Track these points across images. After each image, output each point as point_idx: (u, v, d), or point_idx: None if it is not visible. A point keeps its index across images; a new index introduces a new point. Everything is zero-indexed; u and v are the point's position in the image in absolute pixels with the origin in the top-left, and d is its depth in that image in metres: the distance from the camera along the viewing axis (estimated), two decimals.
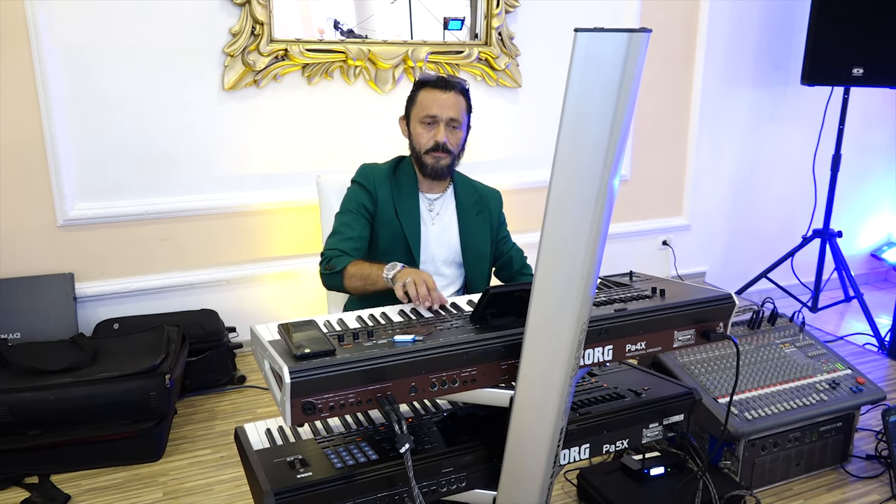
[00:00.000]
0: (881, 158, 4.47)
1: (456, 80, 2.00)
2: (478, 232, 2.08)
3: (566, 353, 1.26)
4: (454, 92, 1.96)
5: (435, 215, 2.06)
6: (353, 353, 1.23)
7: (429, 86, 1.97)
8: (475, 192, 2.13)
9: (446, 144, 1.97)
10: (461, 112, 1.98)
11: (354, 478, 1.31)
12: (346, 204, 2.03)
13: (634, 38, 1.07)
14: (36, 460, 2.30)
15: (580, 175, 1.15)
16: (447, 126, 1.96)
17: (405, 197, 2.01)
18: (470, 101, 2.03)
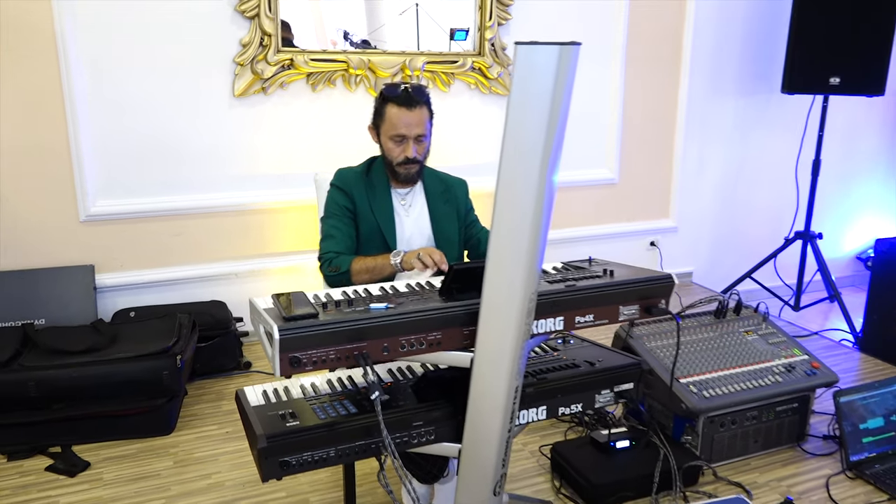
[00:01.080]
0: (865, 165, 4.64)
1: (419, 94, 2.19)
2: (446, 218, 2.30)
3: (516, 320, 1.47)
4: (418, 108, 2.16)
5: (408, 207, 2.29)
6: (334, 317, 1.45)
7: (395, 102, 2.16)
8: (442, 183, 2.35)
9: (416, 157, 2.20)
10: (426, 124, 2.19)
11: (335, 427, 1.52)
12: (329, 208, 2.27)
13: (565, 50, 1.28)
14: (59, 431, 2.52)
15: (523, 169, 1.36)
16: (415, 140, 2.18)
17: (379, 195, 2.24)
18: (431, 107, 2.23)
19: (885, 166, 4.69)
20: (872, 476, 2.32)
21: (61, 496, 2.25)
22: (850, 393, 2.43)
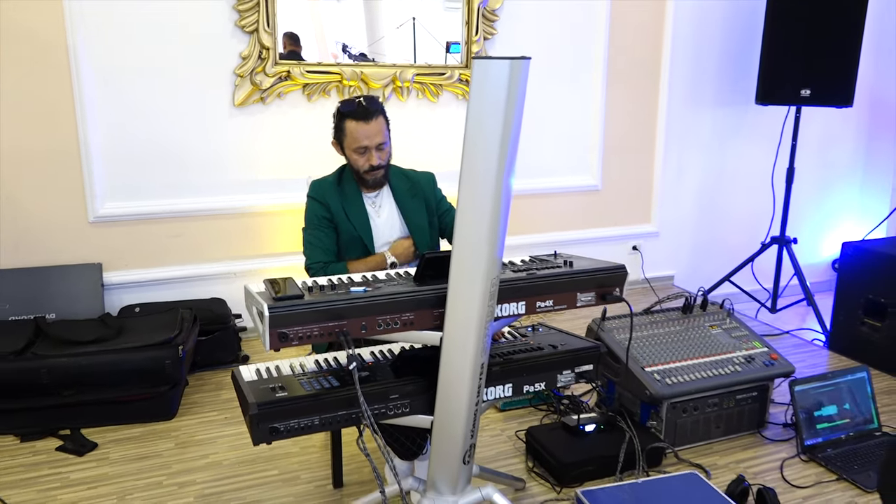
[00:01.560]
0: (840, 174, 4.83)
1: (373, 105, 2.37)
2: (416, 212, 2.49)
3: (479, 303, 1.65)
4: (375, 119, 2.35)
5: (378, 208, 2.49)
6: (317, 298, 1.63)
7: (352, 117, 2.35)
8: (408, 180, 2.54)
9: (380, 164, 2.40)
10: (384, 132, 2.38)
11: (319, 397, 1.71)
12: (310, 219, 2.46)
13: (516, 64, 1.47)
14: (68, 416, 2.71)
15: (482, 170, 1.54)
16: (376, 149, 2.38)
17: (351, 201, 2.45)
18: (386, 115, 2.42)
19: (860, 175, 4.87)
20: (824, 459, 2.50)
21: (71, 473, 2.43)
22: (805, 382, 2.60)
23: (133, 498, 2.29)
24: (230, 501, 2.28)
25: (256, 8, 3.25)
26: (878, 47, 4.61)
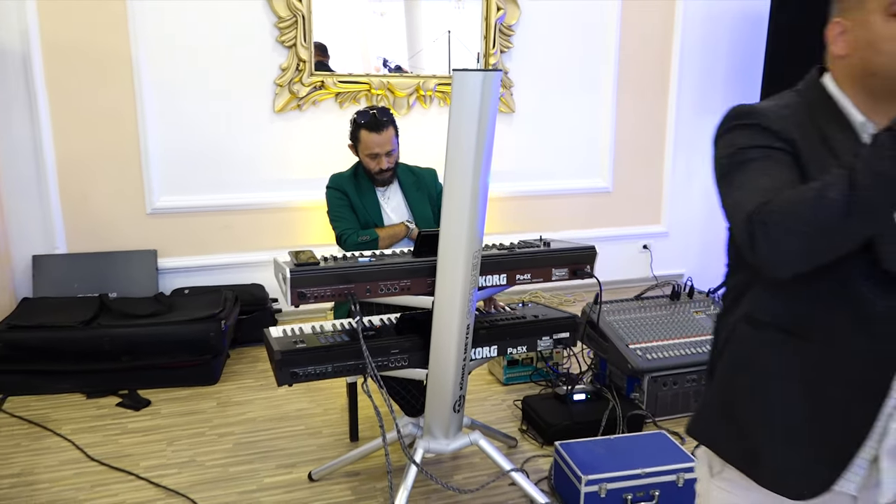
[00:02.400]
0: None
1: (384, 116, 2.74)
2: (420, 202, 2.84)
3: (463, 272, 1.99)
4: (385, 129, 2.72)
5: (387, 199, 2.85)
6: (331, 265, 2.00)
7: (366, 127, 2.73)
8: (413, 175, 2.90)
9: (388, 167, 2.77)
10: (392, 140, 2.75)
11: (332, 349, 2.07)
12: (332, 203, 2.85)
13: (488, 76, 1.81)
14: (126, 378, 3.13)
15: (462, 163, 1.89)
16: (385, 155, 2.75)
17: (365, 193, 2.83)
18: (396, 125, 2.79)
19: None
20: None
21: (129, 423, 2.85)
22: None
23: (180, 443, 2.69)
24: (262, 449, 2.66)
25: (294, 25, 3.66)
26: None
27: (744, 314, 1.19)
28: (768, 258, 1.02)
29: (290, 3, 3.64)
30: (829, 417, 1.12)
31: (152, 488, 2.40)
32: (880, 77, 1.09)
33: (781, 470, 1.16)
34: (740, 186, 1.10)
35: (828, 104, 1.15)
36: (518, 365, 3.21)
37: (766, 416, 1.17)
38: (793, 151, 1.10)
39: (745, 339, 1.20)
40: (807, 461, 1.14)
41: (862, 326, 1.09)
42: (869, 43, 1.09)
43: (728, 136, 1.16)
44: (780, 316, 1.15)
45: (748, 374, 1.19)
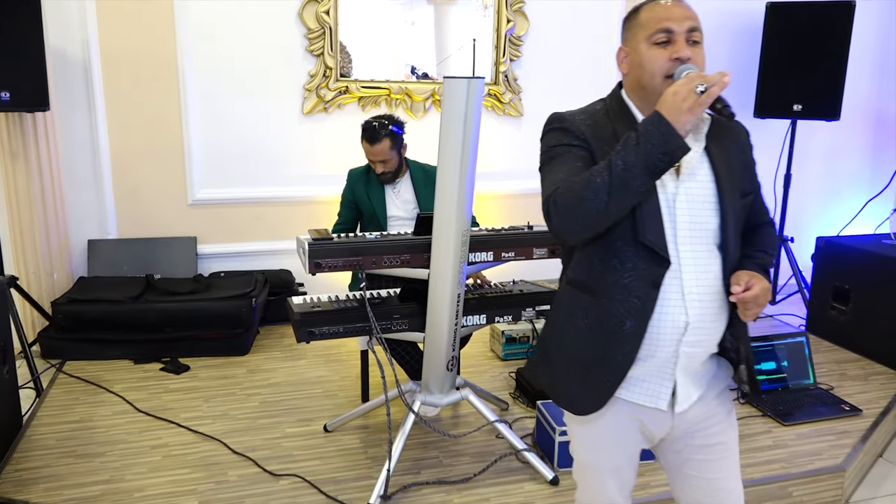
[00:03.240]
0: (845, 183, 5.27)
1: (381, 130, 3.05)
2: (428, 197, 3.15)
3: (454, 249, 2.35)
4: (380, 142, 3.04)
5: (397, 193, 3.20)
6: (342, 241, 2.38)
7: (364, 138, 3.07)
8: (424, 173, 3.23)
9: (384, 172, 3.12)
10: (387, 151, 3.05)
11: (342, 312, 2.45)
12: (342, 199, 3.28)
13: (472, 82, 2.17)
14: (168, 348, 3.55)
15: (452, 160, 2.25)
16: (380, 163, 3.09)
17: (374, 187, 3.19)
18: (395, 134, 3.08)
19: (866, 184, 5.30)
20: (757, 402, 3.07)
21: (170, 384, 3.26)
22: None
23: (214, 401, 3.09)
24: (284, 406, 3.05)
25: (322, 36, 4.07)
26: (884, 67, 5.07)
27: (567, 277, 1.60)
28: (558, 228, 1.44)
29: (318, 16, 4.04)
30: (601, 353, 1.50)
31: (190, 434, 2.80)
32: (647, 88, 1.50)
33: (569, 393, 1.57)
34: (546, 176, 1.51)
35: (622, 108, 1.55)
36: (516, 342, 3.56)
37: (560, 351, 1.58)
38: (587, 146, 1.49)
39: (562, 294, 1.62)
40: (585, 385, 1.54)
41: (623, 284, 1.47)
42: (639, 64, 1.51)
43: (545, 138, 1.57)
44: (579, 275, 1.55)
45: (556, 320, 1.62)
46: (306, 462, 2.60)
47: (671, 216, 1.47)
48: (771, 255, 1.62)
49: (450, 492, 2.43)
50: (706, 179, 1.52)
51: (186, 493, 2.40)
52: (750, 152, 1.66)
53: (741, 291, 1.43)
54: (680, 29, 1.50)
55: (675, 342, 1.47)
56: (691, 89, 1.39)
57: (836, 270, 3.96)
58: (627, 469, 1.65)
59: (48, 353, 3.54)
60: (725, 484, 1.63)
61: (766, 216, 1.69)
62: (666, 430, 1.58)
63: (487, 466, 2.56)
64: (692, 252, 1.48)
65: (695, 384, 1.54)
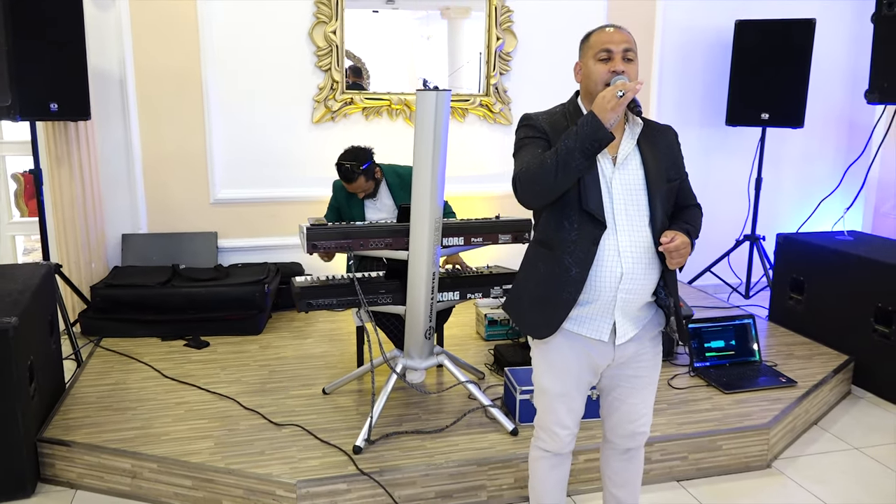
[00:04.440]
0: (818, 187, 5.64)
1: (354, 171, 3.48)
2: (405, 198, 3.56)
3: (428, 233, 2.79)
4: (356, 181, 3.50)
5: (378, 203, 3.67)
6: (335, 226, 2.84)
7: (341, 178, 3.54)
8: (398, 176, 3.66)
9: (364, 194, 3.59)
10: (363, 185, 3.52)
11: (335, 287, 2.91)
12: (329, 204, 3.77)
13: (440, 94, 2.63)
14: (192, 327, 4.04)
15: (425, 159, 2.70)
16: (361, 191, 3.57)
17: (355, 201, 3.65)
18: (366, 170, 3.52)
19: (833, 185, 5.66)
20: (704, 374, 3.48)
21: (192, 356, 3.74)
22: (697, 322, 3.59)
23: (230, 370, 3.57)
24: (290, 375, 3.51)
25: (330, 53, 4.56)
26: (846, 78, 5.45)
27: (533, 237, 2.10)
28: (522, 197, 1.96)
29: (327, 35, 4.54)
30: (554, 293, 1.99)
31: (208, 394, 3.27)
32: (592, 94, 1.98)
33: (531, 322, 2.07)
34: (516, 161, 2.01)
35: (575, 110, 2.05)
36: (497, 324, 3.99)
37: (525, 291, 2.09)
38: (546, 138, 1.98)
39: (529, 249, 2.12)
40: (542, 316, 2.02)
41: (571, 242, 1.96)
42: (587, 75, 1.99)
43: (517, 133, 2.07)
44: (541, 234, 2.06)
45: (523, 269, 2.13)
46: (306, 416, 3.06)
47: (609, 193, 1.96)
48: (694, 227, 2.10)
49: (425, 440, 2.87)
50: (636, 168, 2.00)
51: (204, 437, 2.87)
52: (677, 149, 2.15)
53: (668, 242, 1.91)
54: (617, 49, 1.98)
55: (613, 288, 1.95)
56: (614, 94, 1.86)
57: (793, 264, 4.34)
58: (576, 397, 2.12)
59: (87, 332, 4.04)
60: (640, 409, 2.15)
61: (693, 200, 2.19)
62: (608, 360, 2.05)
63: (458, 419, 3.00)
64: (626, 220, 1.96)
65: (631, 324, 2.02)
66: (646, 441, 2.23)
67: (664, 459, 2.92)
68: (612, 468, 2.28)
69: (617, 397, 2.14)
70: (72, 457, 2.82)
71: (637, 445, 2.21)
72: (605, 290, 1.96)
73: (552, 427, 2.14)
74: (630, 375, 2.10)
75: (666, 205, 2.02)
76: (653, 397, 2.18)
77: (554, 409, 2.12)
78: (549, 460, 2.20)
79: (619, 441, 2.20)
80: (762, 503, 2.79)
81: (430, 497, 2.69)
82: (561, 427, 2.13)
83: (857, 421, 3.49)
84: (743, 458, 3.00)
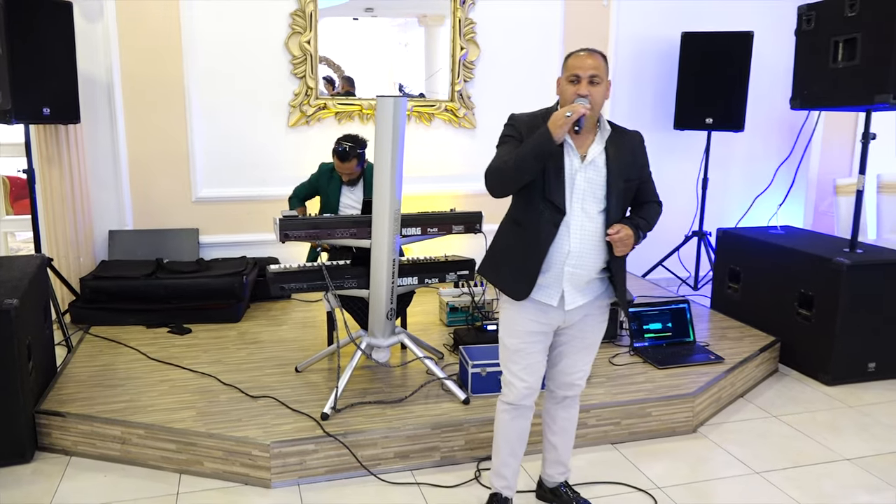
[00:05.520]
0: (762, 186, 6.05)
1: (350, 152, 3.97)
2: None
3: (388, 223, 3.14)
4: (349, 160, 3.96)
5: (352, 191, 4.07)
6: (305, 218, 3.18)
7: (335, 155, 3.99)
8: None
9: (350, 179, 4.00)
10: (354, 167, 3.99)
11: (306, 272, 3.24)
12: (309, 179, 4.23)
13: (397, 101, 2.98)
14: (175, 315, 4.35)
15: (385, 158, 3.05)
16: (346, 174, 3.99)
17: (334, 186, 4.08)
18: (360, 154, 3.99)
19: (781, 188, 6.08)
20: (642, 353, 3.84)
21: (176, 341, 4.06)
22: (637, 307, 3.96)
23: (211, 352, 3.88)
24: (266, 356, 3.83)
25: (304, 62, 4.90)
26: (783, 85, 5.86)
27: (508, 214, 2.49)
28: (489, 189, 2.36)
29: (301, 45, 4.88)
30: (524, 263, 2.36)
31: (190, 373, 3.59)
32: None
33: (508, 287, 2.43)
34: (494, 156, 2.39)
35: None
36: (458, 311, 4.34)
37: (502, 260, 2.47)
38: (521, 138, 2.35)
39: (504, 224, 2.51)
40: (515, 281, 2.40)
41: (536, 221, 2.34)
42: (561, 92, 2.36)
43: (503, 129, 2.43)
44: (514, 214, 2.45)
45: (498, 240, 2.51)
46: (280, 390, 3.38)
47: (571, 186, 2.35)
48: (646, 221, 2.50)
49: (386, 408, 3.21)
50: (601, 167, 2.38)
51: (187, 408, 3.19)
52: (641, 151, 2.51)
53: (613, 234, 2.31)
54: (584, 75, 2.34)
55: (562, 263, 2.35)
56: (563, 115, 2.24)
57: (731, 256, 4.73)
58: (532, 353, 2.48)
59: (77, 320, 4.34)
60: (578, 365, 2.57)
61: (654, 197, 2.58)
62: (559, 322, 2.45)
63: (415, 391, 3.35)
64: (581, 210, 2.34)
65: (579, 294, 2.41)
66: (580, 395, 2.64)
67: (599, 424, 3.28)
68: (550, 415, 2.67)
69: (561, 352, 2.55)
70: (66, 426, 3.12)
71: (573, 395, 2.62)
72: (556, 264, 2.36)
73: (510, 378, 2.52)
74: (574, 335, 2.51)
75: (621, 200, 2.41)
76: (590, 357, 2.58)
77: (513, 361, 2.51)
78: (508, 412, 2.57)
79: (558, 390, 2.60)
80: (683, 461, 3.16)
81: (390, 457, 3.03)
82: (518, 379, 2.50)
83: (779, 394, 3.88)
84: (670, 423, 3.37)
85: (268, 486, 2.90)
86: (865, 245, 4.23)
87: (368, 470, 2.98)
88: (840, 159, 6.10)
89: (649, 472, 3.07)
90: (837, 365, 3.94)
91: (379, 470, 3.00)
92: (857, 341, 3.94)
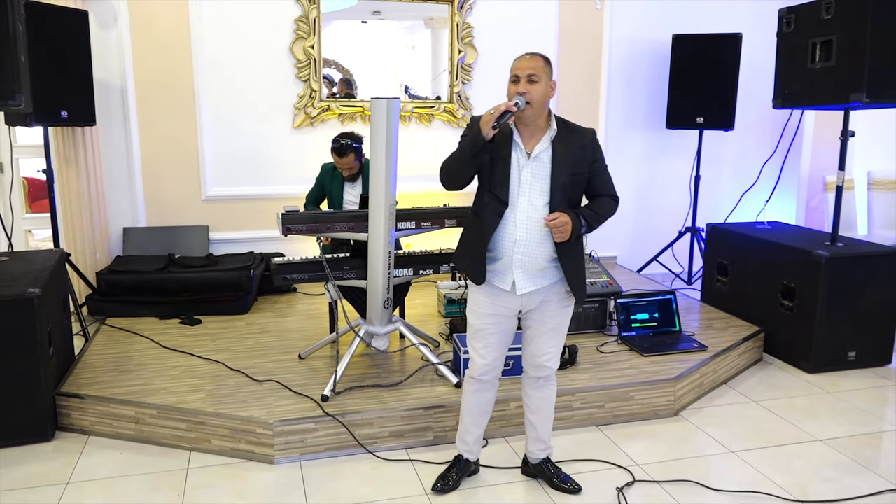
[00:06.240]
0: (760, 182, 6.22)
1: (347, 148, 4.20)
2: None
3: (384, 218, 3.34)
4: (346, 156, 4.19)
5: (353, 187, 4.28)
6: (307, 213, 3.39)
7: (334, 151, 4.22)
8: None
9: (349, 175, 4.23)
10: (352, 163, 4.21)
11: (308, 264, 3.45)
12: (316, 181, 4.42)
13: (390, 102, 3.18)
14: (186, 307, 4.57)
15: (380, 156, 3.25)
16: (346, 169, 4.21)
17: (337, 183, 4.29)
18: (357, 149, 4.22)
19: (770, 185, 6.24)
20: (629, 342, 4.03)
21: (187, 331, 4.28)
22: (624, 297, 4.14)
23: (219, 341, 4.10)
24: (272, 345, 4.04)
25: (309, 66, 5.12)
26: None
27: (471, 207, 2.68)
28: (442, 182, 2.58)
29: (306, 50, 5.09)
30: (478, 250, 2.58)
31: (200, 360, 3.81)
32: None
33: (472, 272, 2.64)
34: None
35: None
36: (455, 303, 4.54)
37: (468, 249, 2.66)
38: None
39: (469, 218, 2.70)
40: (475, 267, 2.61)
41: (487, 212, 2.56)
42: (507, 91, 2.55)
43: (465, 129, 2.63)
44: (474, 207, 2.65)
45: (465, 231, 2.72)
46: (283, 375, 3.59)
47: (517, 180, 2.55)
48: (594, 212, 2.66)
49: (382, 391, 3.41)
50: (546, 162, 2.56)
51: (197, 391, 3.41)
52: (591, 147, 2.65)
53: (550, 220, 2.49)
54: (523, 74, 2.56)
55: (511, 251, 2.55)
56: (489, 113, 2.42)
57: (720, 251, 4.90)
58: (493, 333, 2.69)
59: (93, 312, 4.57)
60: (544, 348, 2.74)
61: (609, 191, 2.71)
62: (517, 306, 2.65)
63: (410, 375, 3.55)
64: (527, 201, 2.54)
65: (529, 280, 2.59)
66: (556, 376, 2.84)
67: (584, 407, 3.47)
68: (527, 394, 2.86)
69: (528, 336, 2.76)
70: (85, 407, 3.35)
71: (545, 376, 2.80)
72: (506, 252, 2.56)
73: (473, 355, 2.75)
74: (537, 320, 2.70)
75: (568, 192, 2.57)
76: (557, 341, 2.74)
77: (475, 339, 2.73)
78: (472, 384, 2.78)
79: (531, 370, 2.80)
80: (663, 441, 3.34)
81: (385, 436, 3.23)
82: (479, 356, 2.71)
83: (761, 381, 4.05)
84: (652, 406, 3.55)
85: (271, 462, 3.11)
86: (847, 239, 4.39)
87: (365, 447, 3.18)
88: (831, 156, 6.23)
89: (630, 450, 3.25)
90: (818, 353, 4.11)
91: (375, 448, 3.21)
92: (837, 331, 4.10)
